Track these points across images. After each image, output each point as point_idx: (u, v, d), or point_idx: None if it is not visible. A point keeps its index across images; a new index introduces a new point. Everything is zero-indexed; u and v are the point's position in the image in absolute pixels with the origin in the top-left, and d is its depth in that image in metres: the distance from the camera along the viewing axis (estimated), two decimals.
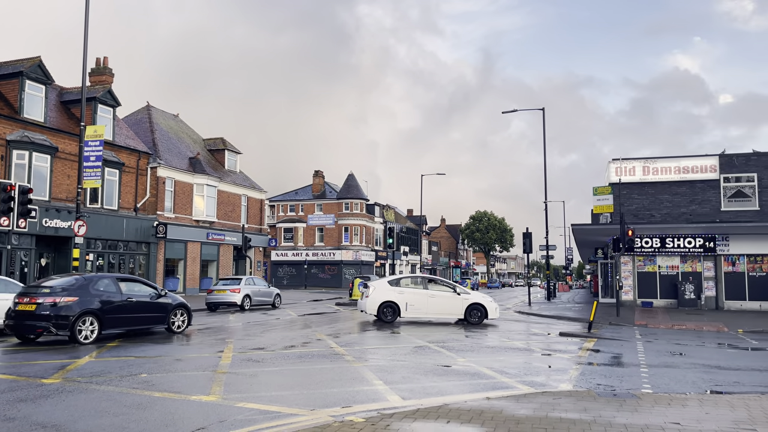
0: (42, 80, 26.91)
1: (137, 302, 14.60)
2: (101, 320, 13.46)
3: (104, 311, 13.60)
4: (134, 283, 15.20)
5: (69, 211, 26.57)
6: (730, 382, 9.73)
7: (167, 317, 15.47)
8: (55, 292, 13.05)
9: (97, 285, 13.90)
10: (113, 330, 14.13)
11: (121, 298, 14.19)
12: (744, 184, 29.97)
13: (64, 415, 6.74)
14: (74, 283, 13.59)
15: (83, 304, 13.18)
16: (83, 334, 13.05)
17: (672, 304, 29.34)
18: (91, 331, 13.23)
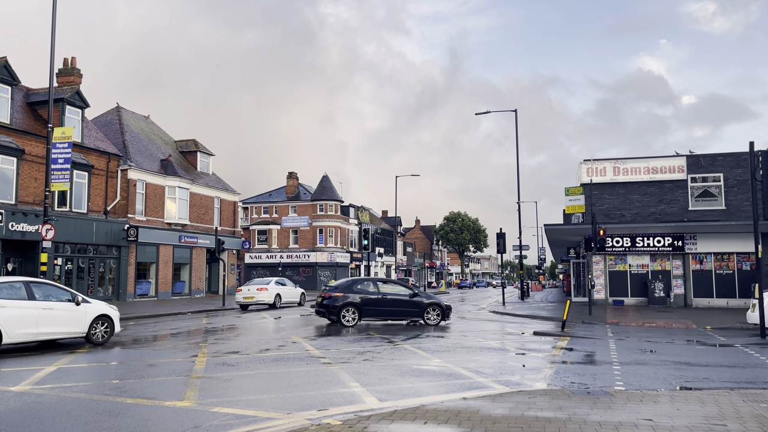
0: (8, 81, 26.27)
1: (392, 299, 18.80)
2: (360, 310, 18.32)
3: (363, 304, 18.42)
4: (394, 285, 19.81)
5: (36, 214, 25.98)
6: (699, 378, 9.94)
7: (422, 312, 18.93)
8: (332, 289, 18.76)
9: (358, 285, 18.91)
10: (369, 318, 18.78)
11: (377, 296, 18.69)
12: (710, 184, 30.69)
13: (33, 424, 6.58)
14: (343, 283, 19.24)
15: (345, 298, 18.37)
16: (346, 318, 18.18)
17: (642, 303, 29.89)
18: (353, 317, 18.25)
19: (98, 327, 13.96)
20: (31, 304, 12.61)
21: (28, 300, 12.60)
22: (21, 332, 12.32)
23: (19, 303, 12.41)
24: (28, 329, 12.44)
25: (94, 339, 13.81)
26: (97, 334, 13.89)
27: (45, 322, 12.75)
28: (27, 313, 12.45)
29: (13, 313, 12.19)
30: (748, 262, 29.01)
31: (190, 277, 37.98)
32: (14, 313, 12.21)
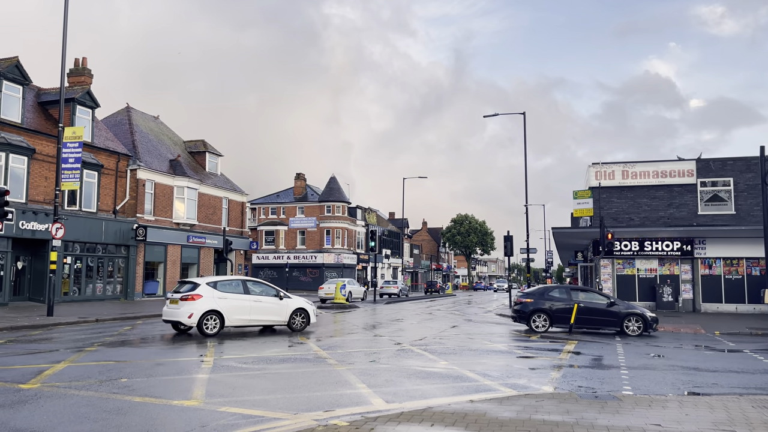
0: (19, 81, 26.47)
1: (585, 307, 18.34)
2: (551, 317, 18.35)
3: (553, 311, 18.39)
4: (588, 293, 19.40)
5: (46, 213, 26.15)
6: (708, 383, 9.88)
7: (620, 323, 18.01)
8: (524, 296, 19.33)
9: (550, 292, 19.10)
10: (560, 326, 18.60)
11: (569, 304, 18.38)
12: (720, 189, 30.51)
13: (42, 421, 6.63)
14: (535, 290, 19.63)
15: (536, 305, 18.51)
16: (536, 324, 18.36)
17: (650, 307, 29.71)
18: (543, 324, 18.34)
19: (297, 318, 17.05)
20: (246, 297, 16.19)
21: (243, 294, 16.21)
22: (237, 318, 15.97)
23: (237, 296, 16.05)
24: (242, 316, 16.04)
25: (293, 327, 16.97)
26: (296, 322, 17.01)
27: (256, 311, 16.27)
28: (242, 304, 16.03)
29: (233, 304, 15.84)
30: (757, 267, 28.80)
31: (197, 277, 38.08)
32: (233, 303, 15.85)
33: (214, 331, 15.45)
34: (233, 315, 15.82)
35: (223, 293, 15.83)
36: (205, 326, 15.34)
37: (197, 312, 15.27)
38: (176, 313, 15.45)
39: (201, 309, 15.30)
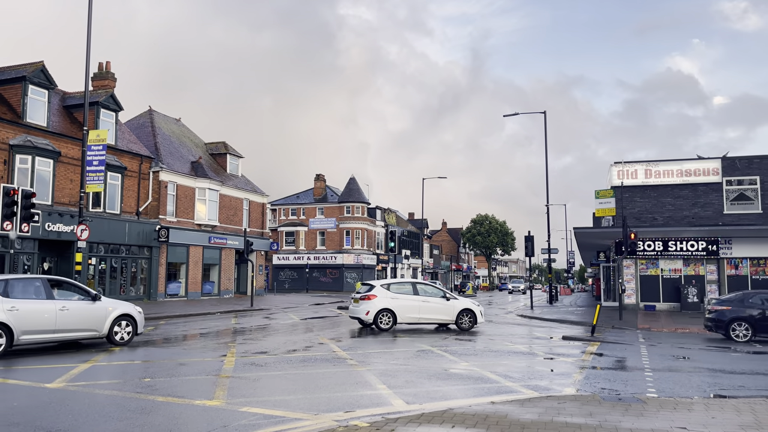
0: (45, 85, 26.97)
1: None
2: (753, 326, 16.49)
3: (755, 319, 16.61)
4: None
5: (71, 215, 26.60)
6: (734, 385, 9.70)
7: None
8: (719, 303, 17.68)
9: (751, 299, 17.29)
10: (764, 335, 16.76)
11: None
12: (746, 187, 29.94)
13: (68, 420, 6.73)
14: (733, 297, 17.88)
15: (736, 312, 16.81)
16: (736, 333, 16.53)
17: (675, 308, 29.27)
18: (745, 333, 16.49)
19: (464, 317, 18.10)
20: (415, 297, 17.92)
21: (413, 294, 17.99)
22: (408, 316, 17.72)
23: (407, 296, 17.87)
24: (413, 314, 17.82)
25: (461, 326, 18.05)
26: (464, 322, 18.05)
27: (425, 311, 17.85)
28: (412, 304, 17.80)
29: (403, 303, 17.69)
30: None
31: (219, 278, 38.45)
32: (404, 303, 17.71)
33: (387, 326, 17.38)
34: (405, 313, 17.69)
35: (395, 294, 17.78)
36: (380, 321, 17.35)
37: (373, 310, 17.42)
38: (357, 311, 17.90)
39: (376, 307, 17.47)
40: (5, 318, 11.50)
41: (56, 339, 12.60)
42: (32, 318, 11.99)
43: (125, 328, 13.68)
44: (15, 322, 11.63)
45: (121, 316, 13.64)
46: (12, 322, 11.56)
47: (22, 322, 11.75)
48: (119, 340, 13.52)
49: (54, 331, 12.37)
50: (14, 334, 11.62)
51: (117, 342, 13.47)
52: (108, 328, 13.33)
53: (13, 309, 11.70)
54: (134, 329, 13.89)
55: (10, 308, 11.67)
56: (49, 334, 12.32)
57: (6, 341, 11.49)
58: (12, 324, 11.57)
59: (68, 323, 12.54)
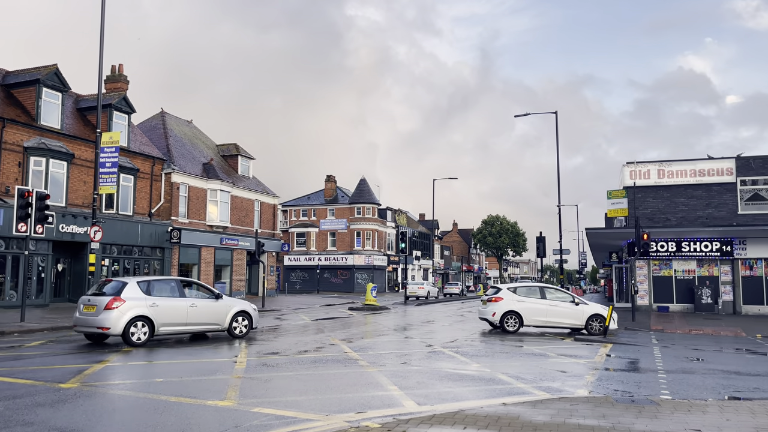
0: (58, 87, 27.24)
1: None
2: None
3: None
4: None
5: (85, 216, 26.84)
6: (749, 387, 9.59)
7: None
8: None
9: None
10: None
11: None
12: (761, 187, 29.62)
13: (81, 420, 6.79)
14: None
15: None
16: None
17: (688, 309, 29.01)
18: None
19: (594, 323, 17.99)
20: (543, 301, 18.45)
21: (540, 298, 18.55)
22: (535, 318, 18.32)
23: (533, 300, 18.51)
24: (539, 317, 18.33)
25: (590, 330, 17.97)
26: (593, 327, 17.95)
27: (552, 314, 18.30)
28: (539, 307, 18.33)
29: (529, 306, 18.33)
30: None
31: (230, 279, 38.63)
32: (530, 306, 18.33)
33: (513, 328, 18.10)
34: (531, 316, 18.27)
35: (521, 297, 18.54)
36: (506, 324, 18.15)
37: (499, 312, 18.36)
38: (484, 312, 18.94)
39: (502, 309, 18.38)
40: (149, 312, 13.72)
41: (187, 331, 14.77)
42: (168, 312, 14.12)
43: (242, 323, 15.62)
44: (155, 315, 13.81)
45: (239, 312, 15.56)
46: (153, 315, 13.75)
47: (161, 315, 13.92)
48: (237, 333, 15.49)
49: (185, 324, 14.51)
50: (155, 325, 13.81)
51: (236, 335, 15.44)
52: (228, 322, 15.30)
53: (154, 305, 13.87)
54: (250, 324, 15.85)
55: (152, 304, 13.84)
56: (182, 327, 14.48)
57: (149, 331, 13.68)
58: (153, 317, 13.75)
59: (196, 318, 14.68)
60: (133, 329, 13.46)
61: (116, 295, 13.63)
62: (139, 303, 13.75)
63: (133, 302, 13.67)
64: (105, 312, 13.37)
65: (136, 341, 13.43)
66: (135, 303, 13.68)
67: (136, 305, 13.67)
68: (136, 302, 13.71)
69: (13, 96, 26.45)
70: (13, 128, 24.78)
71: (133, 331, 13.46)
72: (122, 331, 13.32)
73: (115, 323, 13.30)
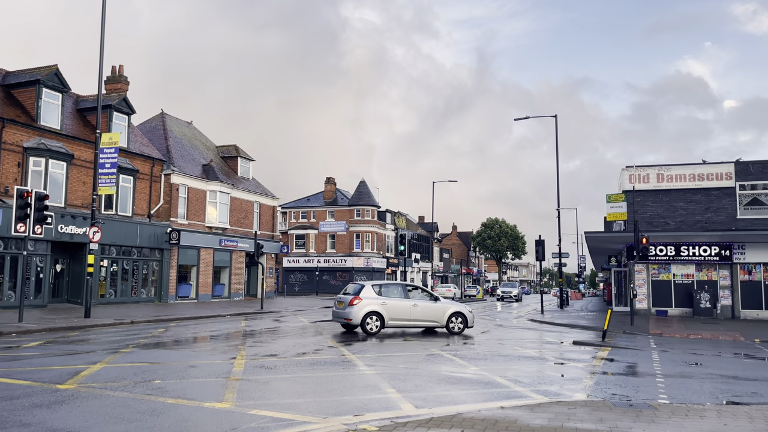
0: (59, 88, 27.25)
1: None
2: None
3: None
4: None
5: (84, 217, 26.83)
6: (748, 392, 9.59)
7: None
8: None
9: None
10: None
11: None
12: (760, 192, 29.65)
13: (78, 421, 6.78)
14: None
15: None
16: None
17: (687, 313, 29.01)
18: None
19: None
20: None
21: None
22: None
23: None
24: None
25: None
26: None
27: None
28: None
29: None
30: None
31: (229, 281, 38.60)
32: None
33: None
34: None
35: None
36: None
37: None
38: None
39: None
40: (380, 309, 17.56)
41: (410, 325, 18.21)
42: (395, 310, 17.78)
43: (457, 322, 18.50)
44: (385, 312, 17.62)
45: (455, 313, 18.50)
46: (383, 312, 17.57)
47: (389, 312, 17.68)
48: (455, 330, 18.42)
49: (408, 320, 17.98)
50: (385, 319, 17.60)
51: (453, 332, 18.37)
52: (445, 321, 18.34)
53: (383, 303, 17.70)
54: (465, 323, 18.56)
55: (382, 303, 17.68)
56: (406, 321, 17.98)
57: (380, 323, 17.53)
58: (383, 313, 17.59)
59: (418, 315, 18.06)
60: (368, 321, 17.41)
61: (356, 294, 17.74)
62: (373, 301, 17.65)
63: (368, 301, 17.62)
64: (349, 307, 17.59)
65: (369, 330, 17.39)
66: (369, 301, 17.61)
67: (371, 303, 17.58)
68: (371, 301, 17.63)
69: (13, 96, 26.45)
70: (13, 128, 24.78)
71: (368, 323, 17.42)
72: (360, 321, 17.40)
73: (355, 316, 17.41)
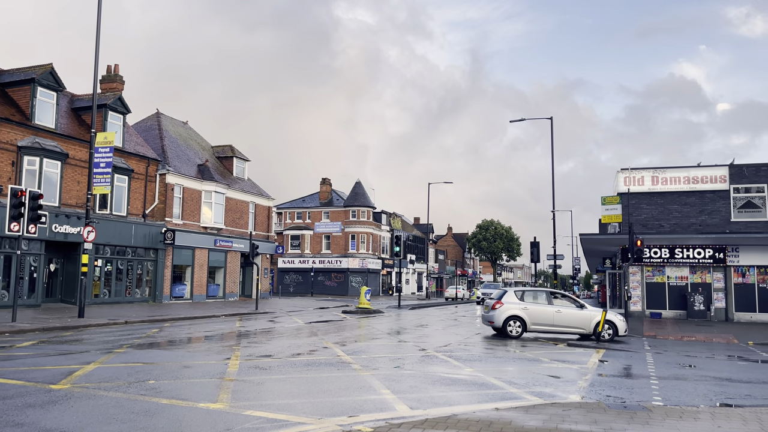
0: (53, 87, 27.14)
1: None
2: None
3: None
4: None
5: (78, 217, 26.72)
6: (741, 394, 9.62)
7: None
8: None
9: None
10: None
11: None
12: (754, 195, 29.78)
13: (72, 421, 6.75)
14: None
15: None
16: None
17: (681, 316, 29.11)
18: None
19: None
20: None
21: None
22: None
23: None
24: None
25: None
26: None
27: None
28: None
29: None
30: None
31: (224, 281, 38.51)
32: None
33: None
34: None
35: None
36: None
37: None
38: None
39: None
40: (521, 314, 18.15)
41: (553, 330, 18.32)
42: (537, 315, 18.14)
43: (606, 330, 18.05)
44: (526, 317, 18.14)
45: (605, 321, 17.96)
46: (524, 316, 18.11)
47: (531, 317, 18.13)
48: (604, 337, 17.97)
49: (551, 325, 18.13)
50: (526, 324, 18.07)
51: (602, 339, 17.90)
52: (593, 328, 17.94)
53: (525, 308, 18.26)
54: (615, 331, 18.09)
55: (523, 308, 18.27)
56: (548, 327, 18.17)
57: (522, 328, 18.06)
58: (525, 317, 18.10)
59: (561, 321, 18.10)
60: (510, 324, 18.05)
61: (498, 299, 18.50)
62: (514, 306, 18.24)
63: (509, 305, 18.25)
64: (492, 311, 18.50)
65: (510, 334, 17.94)
66: (510, 306, 18.24)
67: (512, 308, 18.19)
68: (512, 306, 18.24)
69: (8, 95, 26.33)
70: (7, 127, 24.66)
71: (510, 326, 18.05)
72: (501, 325, 18.09)
73: (497, 319, 18.25)
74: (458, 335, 19.01)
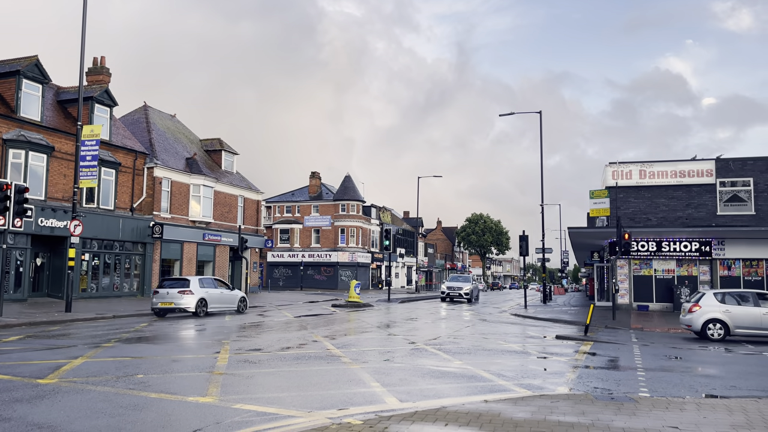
0: (39, 79, 26.83)
1: None
2: None
3: None
4: None
5: (65, 210, 26.48)
6: (726, 386, 9.74)
7: None
8: None
9: None
10: None
11: None
12: (740, 189, 30.08)
13: (60, 416, 6.70)
14: None
15: None
16: None
17: (668, 308, 29.39)
18: None
19: None
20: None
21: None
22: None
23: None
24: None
25: None
26: None
27: None
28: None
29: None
30: None
31: (213, 275, 38.36)
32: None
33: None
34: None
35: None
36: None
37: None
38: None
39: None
40: (723, 317, 16.79)
41: (762, 334, 16.71)
42: (742, 318, 16.67)
43: None
44: (729, 320, 16.70)
45: None
46: (726, 319, 16.68)
47: (733, 320, 16.66)
48: None
49: (759, 329, 16.60)
50: (729, 327, 16.69)
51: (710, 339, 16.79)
52: None
53: (727, 311, 16.81)
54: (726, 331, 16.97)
55: (725, 311, 16.85)
56: (757, 331, 16.65)
57: (725, 331, 16.71)
58: (727, 321, 16.69)
59: None
60: (710, 327, 16.83)
61: (696, 302, 17.31)
62: (714, 309, 16.93)
63: (708, 308, 16.98)
64: (689, 314, 17.28)
65: (711, 337, 16.74)
66: (710, 309, 16.98)
67: (712, 311, 16.92)
68: (711, 308, 16.97)
69: None
70: None
71: (709, 329, 16.85)
72: (700, 329, 16.91)
73: (694, 323, 17.05)
74: (447, 328, 19.08)
